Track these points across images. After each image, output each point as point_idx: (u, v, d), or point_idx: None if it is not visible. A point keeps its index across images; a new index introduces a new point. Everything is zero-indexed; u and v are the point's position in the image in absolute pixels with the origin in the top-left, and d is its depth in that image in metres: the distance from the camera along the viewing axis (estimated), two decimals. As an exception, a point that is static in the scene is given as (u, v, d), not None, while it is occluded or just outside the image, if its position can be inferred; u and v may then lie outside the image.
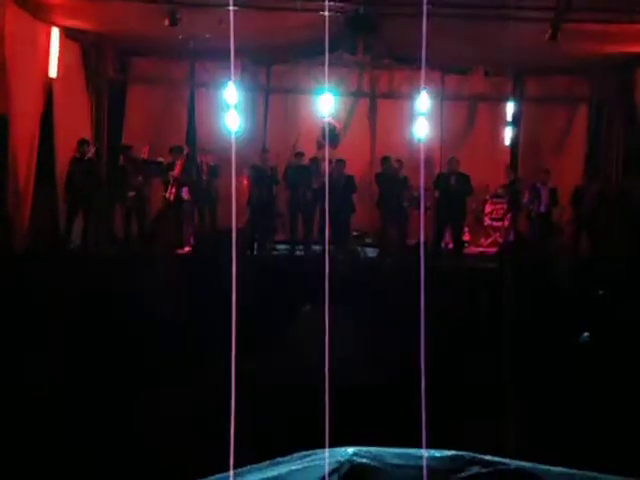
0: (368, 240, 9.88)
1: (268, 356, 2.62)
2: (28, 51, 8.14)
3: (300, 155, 9.43)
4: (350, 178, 9.24)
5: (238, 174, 9.47)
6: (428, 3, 2.78)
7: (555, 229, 9.44)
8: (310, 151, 9.53)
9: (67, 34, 8.99)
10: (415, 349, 1.56)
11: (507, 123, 10.53)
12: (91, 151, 8.80)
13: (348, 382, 2.55)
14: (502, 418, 2.07)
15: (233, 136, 7.90)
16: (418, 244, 6.68)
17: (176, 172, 9.11)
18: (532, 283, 3.57)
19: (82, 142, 8.76)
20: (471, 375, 2.70)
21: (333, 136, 9.78)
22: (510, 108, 10.47)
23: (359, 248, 9.13)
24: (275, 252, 9.22)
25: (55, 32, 8.62)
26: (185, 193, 9.18)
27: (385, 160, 9.45)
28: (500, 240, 9.98)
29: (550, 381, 2.79)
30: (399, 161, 9.73)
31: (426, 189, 9.61)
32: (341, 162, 9.14)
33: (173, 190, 9.06)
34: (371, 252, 9.14)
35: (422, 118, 8.78)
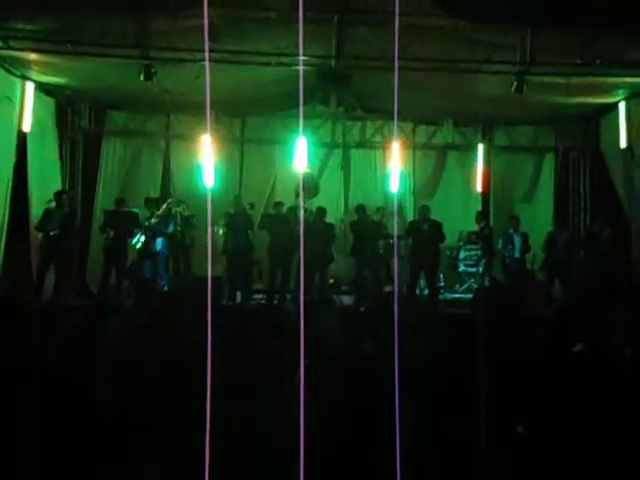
0: (344, 288, 9.89)
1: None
2: (2, 106, 8.17)
3: (279, 204, 9.49)
4: (330, 226, 9.31)
5: (213, 224, 9.48)
6: (399, 58, 2.89)
7: (529, 274, 9.56)
8: (287, 200, 9.61)
9: (42, 89, 9.06)
10: (392, 396, 1.55)
11: (477, 171, 10.80)
12: (66, 203, 8.74)
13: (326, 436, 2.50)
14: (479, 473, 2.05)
15: (209, 187, 7.95)
16: (393, 291, 6.71)
17: (151, 223, 9.08)
18: (508, 329, 3.59)
19: (58, 194, 8.72)
20: (443, 424, 2.67)
21: (313, 186, 9.91)
22: (479, 157, 10.77)
23: (335, 296, 9.12)
24: (252, 301, 9.14)
25: (30, 87, 8.68)
26: (159, 244, 9.13)
27: (359, 208, 9.57)
28: (475, 286, 10.07)
29: (529, 432, 2.77)
30: (380, 208, 9.87)
31: (399, 237, 9.72)
32: (322, 210, 9.23)
33: (149, 241, 9.01)
34: (347, 300, 9.13)
35: (394, 167, 8.95)
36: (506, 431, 2.66)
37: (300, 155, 8.89)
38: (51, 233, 8.36)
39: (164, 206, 9.24)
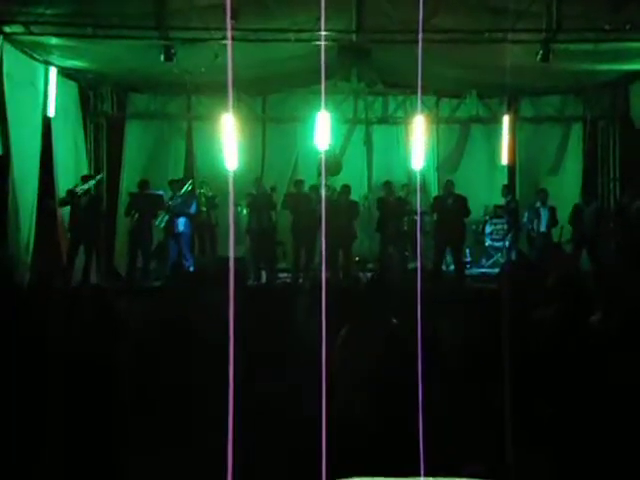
0: (369, 265, 9.88)
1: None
2: (26, 91, 8.24)
3: (300, 182, 9.47)
4: (354, 204, 9.27)
5: (237, 203, 9.52)
6: (422, 31, 2.82)
7: (556, 248, 9.43)
8: (310, 178, 9.59)
9: (64, 73, 9.12)
10: (416, 373, 1.54)
11: (502, 144, 10.60)
12: (92, 187, 8.85)
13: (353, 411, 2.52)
14: (501, 445, 2.04)
15: (231, 167, 7.96)
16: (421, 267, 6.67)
17: (173, 203, 9.15)
18: (535, 303, 3.54)
19: (84, 178, 8.84)
20: (470, 400, 2.66)
21: (335, 164, 9.86)
22: (505, 129, 10.56)
23: (361, 274, 9.11)
24: (277, 280, 9.19)
25: (53, 72, 8.74)
26: (184, 225, 9.21)
27: (386, 185, 9.49)
28: (502, 260, 9.97)
29: (555, 406, 2.74)
30: (404, 185, 9.80)
31: (424, 212, 9.64)
32: (347, 187, 9.19)
33: (171, 221, 9.09)
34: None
35: (417, 142, 8.84)
36: (534, 409, 2.64)
37: (322, 132, 8.83)
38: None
39: (185, 187, 9.29)
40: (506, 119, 10.59)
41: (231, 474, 1.21)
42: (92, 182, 8.80)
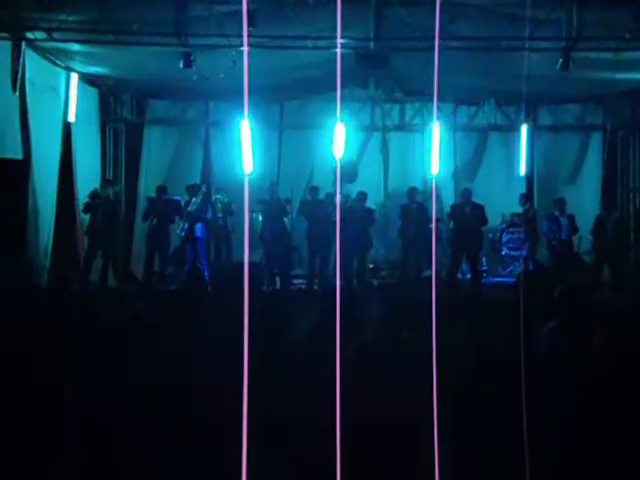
0: (383, 273, 9.85)
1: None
2: (47, 97, 8.37)
3: (315, 189, 9.48)
4: (370, 212, 9.26)
5: (252, 210, 9.56)
6: (439, 37, 2.82)
7: (577, 258, 9.32)
8: (325, 185, 9.59)
9: (85, 79, 9.24)
10: (431, 380, 1.53)
11: (520, 152, 10.54)
12: (111, 191, 8.94)
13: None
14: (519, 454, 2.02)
15: (247, 173, 7.99)
16: (436, 274, 6.62)
17: (193, 210, 9.21)
18: (552, 312, 3.50)
19: (104, 182, 8.94)
20: (485, 409, 2.63)
21: (351, 171, 9.87)
22: (523, 137, 10.50)
23: (375, 281, 9.09)
24: (292, 286, 9.20)
25: (74, 78, 8.86)
26: (201, 230, 9.26)
27: (410, 191, 9.43)
28: (519, 269, 9.89)
29: (572, 419, 2.70)
30: (421, 192, 9.76)
31: (440, 220, 9.59)
32: (363, 195, 9.19)
33: (190, 228, 9.15)
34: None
35: (434, 150, 8.81)
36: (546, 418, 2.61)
37: (339, 139, 8.84)
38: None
39: (200, 192, 9.34)
40: (524, 127, 10.54)
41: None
42: (110, 191, 8.88)
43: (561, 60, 7.62)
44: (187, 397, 2.67)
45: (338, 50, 6.90)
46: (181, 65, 7.81)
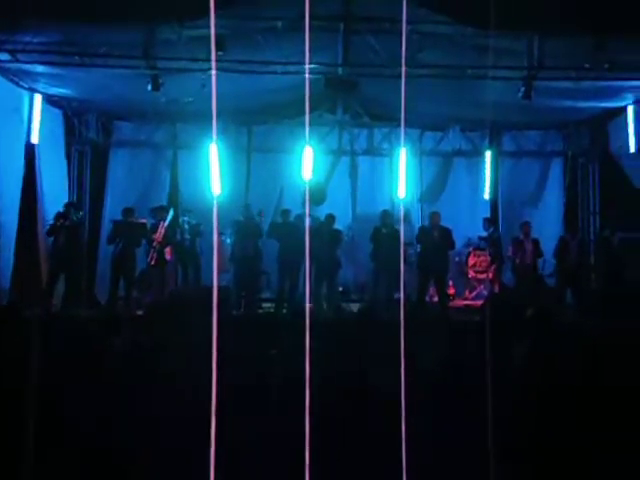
0: (353, 296, 9.86)
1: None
2: (11, 118, 8.23)
3: (286, 212, 9.48)
4: (337, 232, 9.27)
5: (221, 233, 9.49)
6: (405, 65, 2.88)
7: (540, 280, 9.48)
8: (294, 208, 9.60)
9: (49, 100, 9.12)
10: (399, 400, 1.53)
11: (484, 177, 10.76)
12: (74, 214, 8.77)
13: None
14: None
15: (215, 196, 7.95)
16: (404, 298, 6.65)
17: (158, 233, 9.09)
18: (518, 335, 3.55)
19: (67, 205, 8.74)
20: (454, 434, 2.63)
21: (319, 194, 9.90)
22: (487, 162, 10.73)
23: (343, 304, 9.09)
24: (260, 310, 9.12)
25: (37, 99, 8.73)
26: (168, 253, 9.14)
27: (383, 214, 9.47)
28: (485, 292, 10.01)
29: (546, 444, 2.73)
30: (392, 216, 9.80)
31: (408, 243, 9.67)
32: (331, 217, 9.21)
33: (155, 252, 9.02)
34: (355, 307, 9.09)
35: (401, 174, 8.92)
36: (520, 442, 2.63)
37: (307, 163, 8.88)
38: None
39: (168, 216, 9.23)
40: (488, 153, 10.77)
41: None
42: (73, 213, 8.67)
43: (523, 89, 7.84)
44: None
45: (307, 75, 6.97)
46: (149, 88, 7.77)
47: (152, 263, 8.98)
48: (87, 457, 2.60)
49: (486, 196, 10.84)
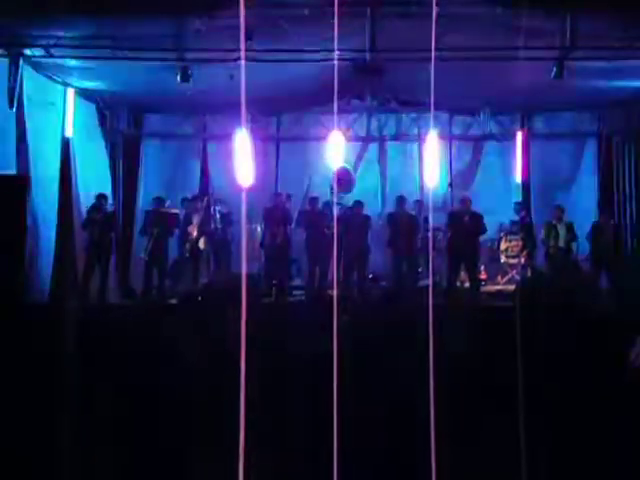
0: (383, 283, 9.86)
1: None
2: (45, 112, 8.40)
3: (314, 200, 9.51)
4: (366, 218, 9.28)
5: (252, 221, 9.58)
6: (435, 49, 2.85)
7: (574, 265, 9.34)
8: (323, 196, 9.63)
9: (82, 94, 9.28)
10: (427, 388, 1.54)
11: (516, 160, 10.60)
12: (108, 205, 8.94)
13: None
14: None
15: (244, 185, 8.01)
16: (433, 283, 6.64)
17: (193, 226, 9.22)
18: (553, 319, 3.52)
19: (99, 197, 8.91)
20: (486, 422, 2.64)
21: (347, 181, 9.90)
22: (518, 145, 10.57)
23: (373, 290, 9.10)
24: (291, 297, 9.19)
25: (71, 93, 8.90)
26: (202, 244, 9.26)
27: (398, 199, 9.47)
28: (517, 277, 9.90)
29: (572, 429, 2.71)
30: (417, 201, 9.79)
31: (439, 229, 9.62)
32: (359, 203, 9.21)
33: (189, 244, 9.15)
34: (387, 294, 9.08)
35: (431, 159, 8.84)
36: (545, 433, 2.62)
37: (336, 150, 8.87)
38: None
39: (201, 206, 9.33)
40: (519, 135, 10.60)
41: None
42: (106, 205, 8.83)
43: (555, 69, 7.69)
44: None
45: (335, 62, 6.94)
46: (179, 79, 7.85)
47: (187, 255, 9.13)
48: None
49: (518, 180, 10.69)
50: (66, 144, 8.87)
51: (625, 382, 2.91)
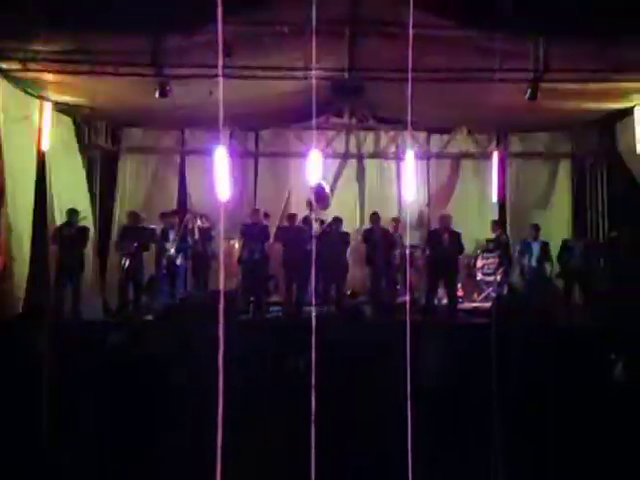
0: (361, 298, 9.87)
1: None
2: (21, 126, 8.31)
3: (292, 216, 9.52)
4: (344, 235, 9.30)
5: (229, 237, 9.54)
6: (412, 69, 2.90)
7: (547, 282, 9.46)
8: (301, 213, 9.64)
9: (59, 108, 9.20)
10: (405, 402, 1.54)
11: (492, 179, 10.77)
12: (80, 220, 8.78)
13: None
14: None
15: (223, 201, 7.98)
16: (411, 300, 6.67)
17: (168, 238, 9.15)
18: (527, 336, 3.56)
19: (69, 212, 8.74)
20: (462, 437, 2.65)
21: (323, 198, 9.94)
22: (494, 164, 10.75)
23: (351, 306, 9.11)
24: (268, 314, 9.14)
25: (47, 107, 8.82)
26: (179, 259, 9.18)
27: (373, 216, 9.52)
28: (493, 294, 9.99)
29: (550, 442, 2.73)
30: (395, 219, 9.85)
31: (417, 246, 9.68)
32: (338, 220, 9.24)
33: (166, 255, 9.07)
34: (364, 310, 9.10)
35: (408, 177, 8.94)
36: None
37: (314, 167, 8.91)
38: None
39: (183, 222, 9.27)
40: (495, 155, 10.78)
41: None
42: (77, 220, 8.68)
43: (530, 90, 7.85)
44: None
45: (313, 80, 7.01)
46: (157, 95, 7.84)
47: (164, 271, 9.04)
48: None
49: (494, 198, 10.84)
50: (42, 158, 8.77)
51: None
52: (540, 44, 7.28)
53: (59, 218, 8.92)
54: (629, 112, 9.22)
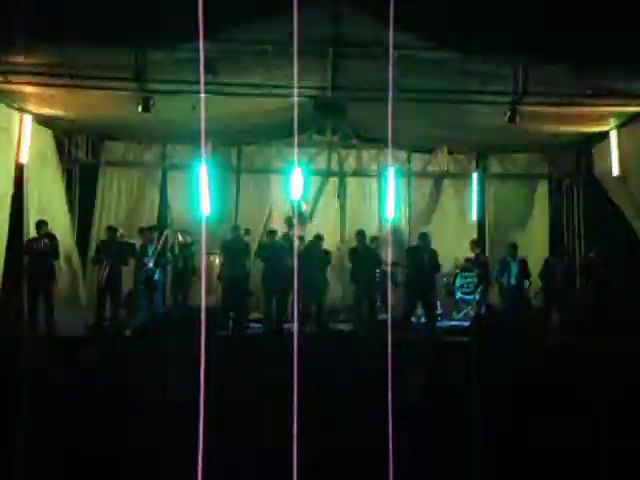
0: (341, 316, 9.86)
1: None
2: (0, 138, 8.23)
3: (272, 233, 9.51)
4: (326, 253, 9.28)
5: (210, 252, 9.49)
6: (393, 89, 2.95)
7: (525, 301, 9.55)
8: (282, 229, 9.64)
9: (39, 120, 9.13)
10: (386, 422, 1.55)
11: (472, 199, 10.90)
12: (48, 233, 8.53)
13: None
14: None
15: (204, 215, 7.97)
16: (392, 318, 6.66)
17: (147, 253, 9.07)
18: (505, 355, 3.58)
19: (38, 224, 8.37)
20: (440, 456, 2.65)
21: (302, 215, 9.96)
22: (474, 184, 10.88)
23: (332, 324, 9.10)
24: (248, 331, 9.08)
25: (27, 119, 8.75)
26: (157, 274, 9.09)
27: (359, 234, 9.53)
28: (472, 313, 10.05)
29: (531, 464, 2.75)
30: (375, 237, 9.89)
31: (397, 264, 9.72)
32: (319, 237, 9.23)
33: (144, 270, 8.98)
34: (344, 327, 9.09)
35: (390, 195, 9.02)
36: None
37: (296, 184, 8.95)
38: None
39: (162, 238, 9.18)
40: (475, 175, 10.92)
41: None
42: (44, 233, 8.44)
43: (509, 113, 7.99)
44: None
45: (295, 98, 7.06)
46: (140, 109, 7.82)
47: (141, 286, 8.93)
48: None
49: (473, 218, 10.96)
50: (20, 170, 8.67)
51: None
52: (519, 68, 7.43)
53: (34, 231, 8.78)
54: (605, 135, 9.43)
